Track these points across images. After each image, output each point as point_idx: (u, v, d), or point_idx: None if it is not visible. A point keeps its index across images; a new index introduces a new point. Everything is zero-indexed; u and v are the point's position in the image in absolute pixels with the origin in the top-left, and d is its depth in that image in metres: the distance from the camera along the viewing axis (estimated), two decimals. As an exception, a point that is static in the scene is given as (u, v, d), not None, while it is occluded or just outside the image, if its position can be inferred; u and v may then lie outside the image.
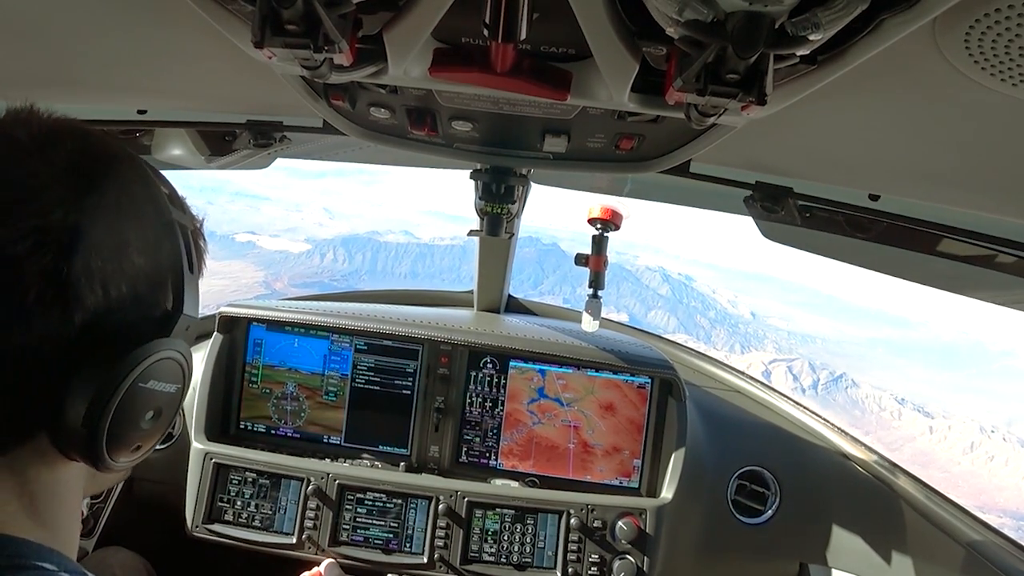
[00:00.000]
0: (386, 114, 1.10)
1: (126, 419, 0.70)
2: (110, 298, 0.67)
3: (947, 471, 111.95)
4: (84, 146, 0.71)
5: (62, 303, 0.64)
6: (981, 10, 0.62)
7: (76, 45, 1.09)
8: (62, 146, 0.69)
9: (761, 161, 1.39)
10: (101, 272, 0.66)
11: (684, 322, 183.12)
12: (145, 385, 0.71)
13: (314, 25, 0.66)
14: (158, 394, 0.73)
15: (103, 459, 0.69)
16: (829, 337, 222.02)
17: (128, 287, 0.69)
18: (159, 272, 0.73)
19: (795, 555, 2.33)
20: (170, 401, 0.76)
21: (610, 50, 0.75)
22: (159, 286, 0.74)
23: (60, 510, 0.74)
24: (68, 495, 0.76)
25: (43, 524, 0.71)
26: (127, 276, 0.69)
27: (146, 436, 0.75)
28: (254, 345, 2.25)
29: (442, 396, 2.23)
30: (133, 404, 0.70)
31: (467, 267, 5.71)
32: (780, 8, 0.54)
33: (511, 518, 2.06)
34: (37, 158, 0.66)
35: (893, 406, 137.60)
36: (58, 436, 0.68)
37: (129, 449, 0.74)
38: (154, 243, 0.72)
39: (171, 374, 0.74)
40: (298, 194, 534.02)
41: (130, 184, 0.72)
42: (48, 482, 0.72)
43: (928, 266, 1.61)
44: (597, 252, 1.89)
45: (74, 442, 0.67)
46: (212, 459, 2.08)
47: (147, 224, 0.72)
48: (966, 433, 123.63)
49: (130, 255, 0.69)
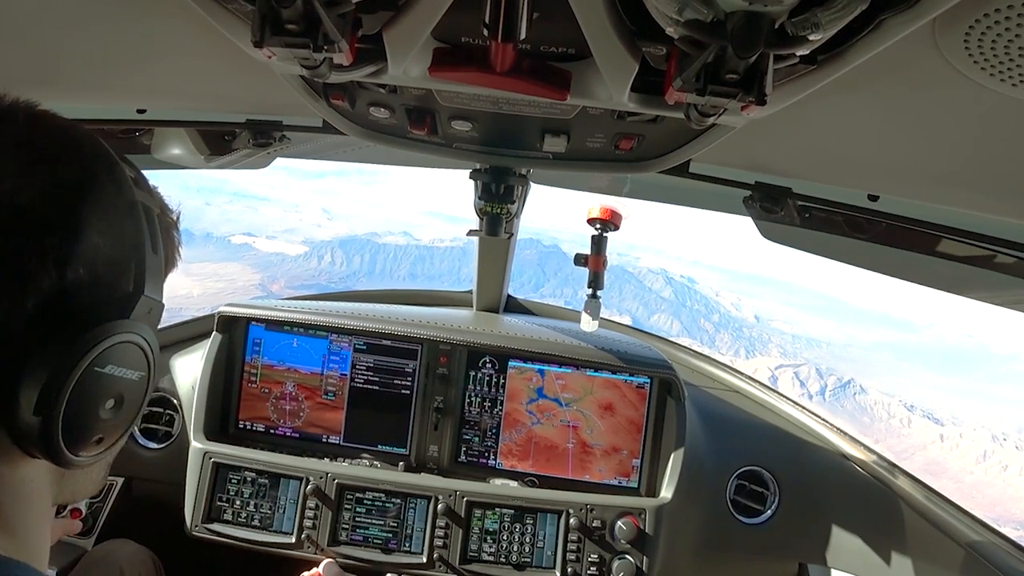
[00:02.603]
0: (386, 114, 1.10)
1: (83, 408, 0.65)
2: (65, 280, 0.63)
3: (960, 481, 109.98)
4: (39, 124, 0.68)
5: (12, 285, 0.61)
6: (981, 10, 0.62)
7: (75, 44, 1.09)
8: (13, 121, 0.66)
9: (760, 161, 1.39)
10: (55, 252, 0.63)
11: (688, 326, 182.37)
12: (102, 370, 0.66)
13: (314, 24, 0.66)
14: (118, 380, 0.68)
15: (60, 452, 0.65)
16: (835, 341, 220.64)
17: (86, 268, 0.65)
18: (120, 253, 0.69)
19: (794, 555, 2.33)
20: (133, 389, 0.71)
21: (610, 50, 0.75)
22: (120, 268, 0.69)
23: (26, 515, 0.69)
24: (34, 498, 0.71)
25: (7, 531, 0.67)
26: (84, 257, 0.65)
27: (108, 427, 0.70)
28: (253, 345, 2.25)
29: (441, 396, 2.23)
30: (90, 390, 0.66)
31: (467, 269, 5.69)
32: (780, 8, 0.54)
33: (510, 518, 2.06)
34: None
35: (902, 413, 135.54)
36: (12, 427, 0.63)
37: (90, 442, 0.68)
38: (115, 223, 0.68)
39: (132, 359, 0.70)
40: (297, 194, 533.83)
41: (89, 163, 0.69)
42: (10, 483, 0.68)
43: (927, 266, 1.61)
44: (596, 252, 1.89)
45: (28, 433, 0.63)
46: (211, 458, 2.08)
47: (107, 204, 0.68)
48: (978, 441, 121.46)
49: (88, 235, 0.65)
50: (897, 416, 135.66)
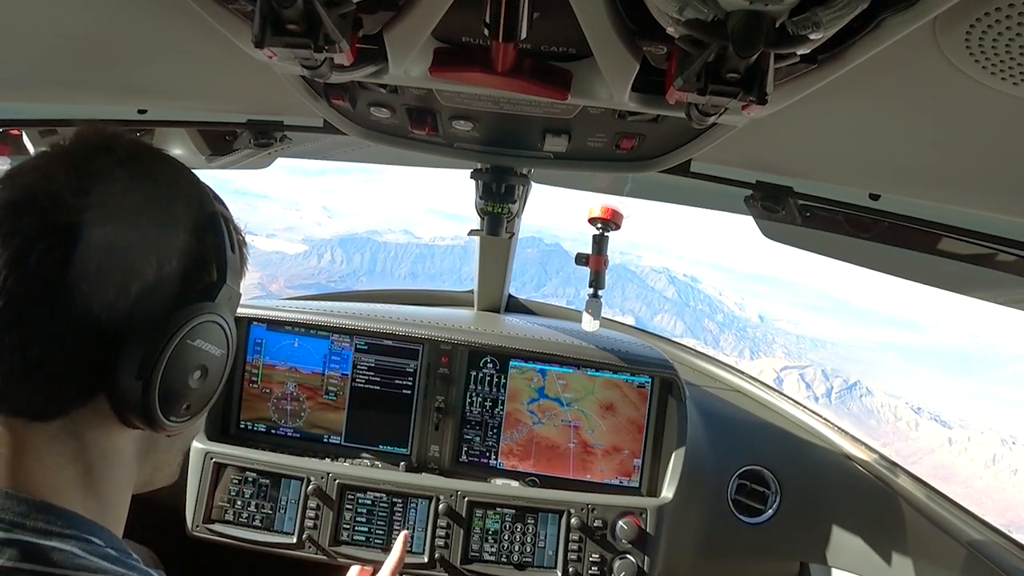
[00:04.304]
0: (386, 114, 1.10)
1: (176, 375, 0.76)
2: (163, 270, 0.75)
3: (969, 486, 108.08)
4: (138, 149, 0.82)
5: (119, 274, 0.72)
6: (981, 9, 0.62)
7: (76, 45, 1.09)
8: (116, 147, 0.79)
9: (761, 160, 1.39)
10: (155, 248, 0.75)
11: (691, 326, 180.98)
12: (192, 343, 0.77)
13: (314, 25, 0.66)
14: (204, 354, 0.80)
15: (155, 414, 0.75)
16: (839, 342, 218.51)
17: (179, 261, 0.77)
18: (206, 250, 0.82)
19: (795, 554, 2.33)
20: (216, 363, 0.83)
21: (610, 49, 0.75)
22: (205, 262, 0.82)
23: (112, 482, 0.78)
24: (123, 469, 0.80)
25: (95, 495, 0.76)
26: (178, 252, 0.77)
27: (195, 396, 0.81)
28: (254, 344, 2.25)
29: (442, 396, 2.23)
30: (182, 360, 0.76)
31: (468, 268, 5.64)
32: (780, 7, 0.54)
33: (511, 518, 2.07)
34: (103, 156, 0.77)
35: (909, 415, 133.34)
36: (115, 392, 0.73)
37: (180, 408, 0.79)
38: (201, 227, 0.81)
39: (216, 336, 0.81)
40: (297, 192, 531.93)
41: (179, 179, 0.84)
42: (105, 449, 0.77)
43: (928, 265, 1.61)
44: (598, 251, 1.89)
45: (129, 397, 0.73)
46: (212, 459, 2.08)
47: (195, 211, 0.82)
48: (986, 445, 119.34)
49: (180, 235, 0.78)
50: (904, 419, 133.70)
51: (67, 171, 0.74)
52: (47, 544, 0.66)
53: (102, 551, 0.70)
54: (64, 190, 0.71)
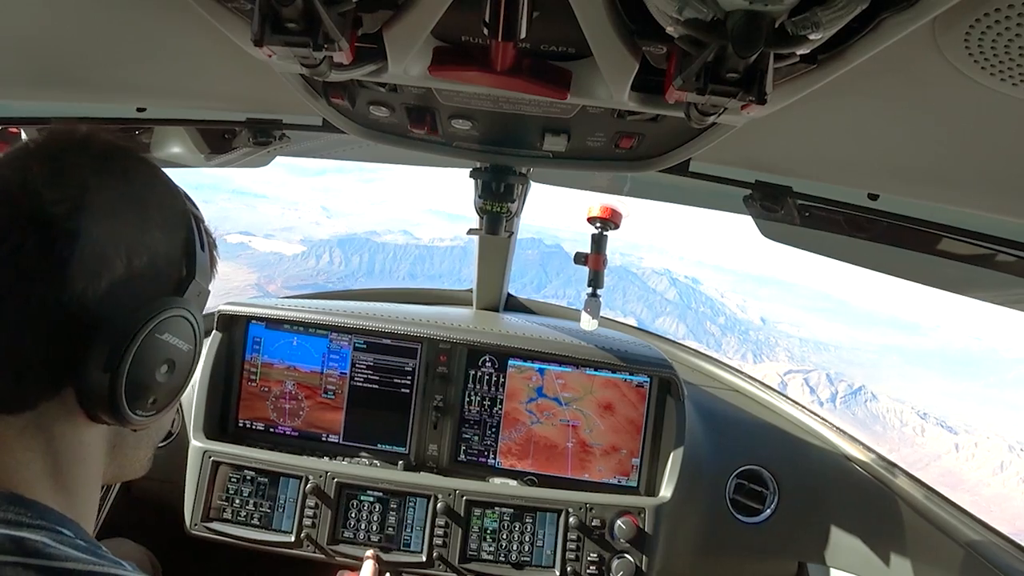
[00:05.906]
0: (386, 112, 1.10)
1: (143, 368, 0.77)
2: (133, 265, 0.77)
3: (977, 494, 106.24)
4: (111, 148, 0.83)
5: (91, 268, 0.73)
6: (981, 10, 0.63)
7: (75, 43, 1.09)
8: (91, 145, 0.81)
9: (760, 160, 1.39)
10: (126, 244, 0.77)
11: (693, 329, 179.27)
12: (160, 337, 0.79)
13: (314, 23, 0.66)
14: (172, 348, 0.81)
15: (121, 407, 0.76)
16: (843, 344, 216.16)
17: (149, 257, 0.79)
18: (176, 247, 0.84)
19: (794, 554, 2.33)
20: (183, 358, 0.84)
21: (610, 49, 0.75)
22: (175, 259, 0.84)
23: (80, 476, 0.79)
24: (91, 463, 0.81)
25: (64, 489, 0.77)
26: (148, 248, 0.79)
27: (161, 391, 0.82)
28: (253, 343, 2.25)
29: (441, 395, 2.23)
30: (149, 353, 0.78)
31: (467, 270, 5.61)
32: (780, 7, 0.54)
33: (510, 517, 2.07)
34: (76, 152, 0.79)
35: (915, 421, 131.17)
36: (82, 384, 0.74)
37: (147, 402, 0.80)
38: (171, 224, 0.83)
39: (184, 331, 0.83)
40: (296, 192, 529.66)
41: (152, 178, 0.86)
42: (72, 443, 0.78)
43: (927, 266, 1.61)
44: (596, 251, 1.89)
45: (97, 389, 0.74)
46: (211, 457, 2.08)
47: (166, 209, 0.84)
48: (994, 451, 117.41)
49: (151, 232, 0.80)
50: (910, 424, 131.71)
51: (41, 164, 0.75)
52: (17, 535, 0.67)
53: (72, 542, 0.71)
54: (38, 182, 0.73)
